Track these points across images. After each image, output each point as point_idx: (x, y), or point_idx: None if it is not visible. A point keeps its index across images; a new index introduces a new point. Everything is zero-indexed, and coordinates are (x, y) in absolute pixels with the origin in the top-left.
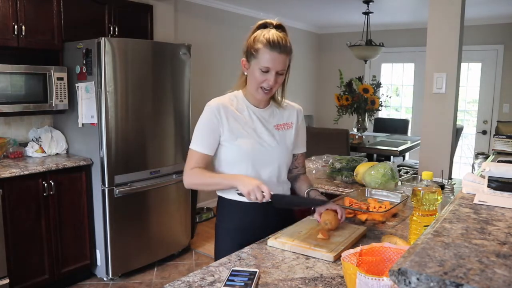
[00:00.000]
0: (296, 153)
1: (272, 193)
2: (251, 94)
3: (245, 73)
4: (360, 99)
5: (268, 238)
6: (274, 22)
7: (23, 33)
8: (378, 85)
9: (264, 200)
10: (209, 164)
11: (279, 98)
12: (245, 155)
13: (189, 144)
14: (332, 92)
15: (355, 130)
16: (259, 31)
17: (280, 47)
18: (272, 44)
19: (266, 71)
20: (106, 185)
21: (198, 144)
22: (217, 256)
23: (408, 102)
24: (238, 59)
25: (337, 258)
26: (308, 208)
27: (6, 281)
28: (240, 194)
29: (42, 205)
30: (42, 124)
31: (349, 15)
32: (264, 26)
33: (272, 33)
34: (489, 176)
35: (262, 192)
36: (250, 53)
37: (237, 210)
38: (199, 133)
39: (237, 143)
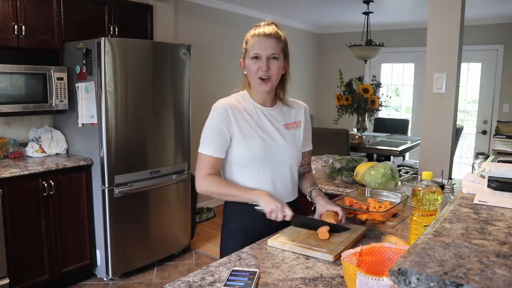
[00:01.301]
0: (304, 151)
1: (292, 214)
2: (256, 92)
3: (244, 73)
4: (360, 99)
5: (268, 238)
6: (266, 22)
7: (23, 33)
8: (378, 85)
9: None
10: (220, 167)
11: (281, 94)
12: (256, 156)
13: (189, 144)
14: (332, 92)
15: (355, 130)
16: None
17: (266, 33)
18: (258, 32)
19: (256, 57)
20: (106, 185)
21: (208, 147)
22: (222, 257)
23: (408, 102)
24: (238, 59)
25: (337, 258)
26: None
27: (6, 281)
28: (260, 210)
29: (42, 205)
30: (42, 124)
31: (349, 15)
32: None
33: (261, 27)
34: (489, 176)
35: (284, 212)
36: (243, 50)
37: (243, 211)
38: (208, 136)
39: (248, 144)
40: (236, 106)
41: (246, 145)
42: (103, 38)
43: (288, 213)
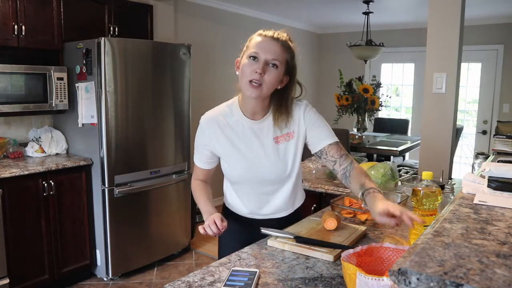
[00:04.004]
0: (319, 148)
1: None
2: (244, 98)
3: (237, 73)
4: (360, 99)
5: (268, 238)
6: (281, 30)
7: (23, 33)
8: (378, 85)
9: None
10: (209, 176)
11: (283, 119)
12: (239, 176)
13: (189, 144)
14: (332, 92)
15: (355, 130)
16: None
17: (273, 36)
18: (264, 33)
19: (254, 57)
20: (106, 185)
21: (196, 159)
22: (221, 257)
23: (408, 102)
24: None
25: (337, 258)
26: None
27: (6, 281)
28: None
29: (42, 205)
30: (42, 124)
31: (349, 15)
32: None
33: (272, 30)
34: (489, 176)
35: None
36: (244, 48)
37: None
38: (195, 149)
39: (230, 164)
40: (219, 120)
41: (228, 164)
42: (103, 38)
43: (221, 225)
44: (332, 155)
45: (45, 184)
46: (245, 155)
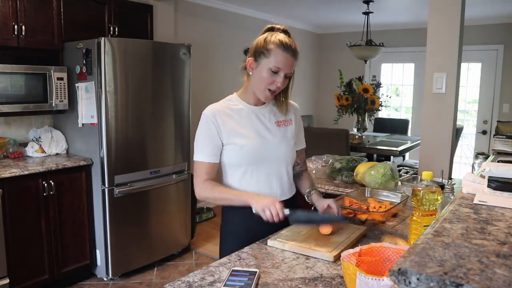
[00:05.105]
0: (297, 149)
1: (288, 211)
2: (252, 94)
3: (250, 73)
4: (360, 99)
5: (268, 238)
6: (281, 27)
7: (23, 33)
8: (378, 85)
9: (278, 218)
10: (217, 173)
11: (284, 106)
12: (247, 155)
13: (189, 144)
14: (332, 92)
15: (355, 130)
16: (268, 33)
17: (293, 50)
18: (285, 46)
19: (276, 71)
20: (106, 185)
21: (202, 154)
22: (222, 257)
23: (408, 102)
24: (238, 59)
25: (337, 258)
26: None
27: (6, 281)
28: (257, 212)
29: (42, 205)
30: (42, 124)
31: (349, 15)
32: (272, 29)
33: (283, 36)
34: (489, 176)
35: (277, 209)
36: (260, 52)
37: (242, 212)
38: (201, 143)
39: (237, 144)
40: (223, 110)
41: (235, 146)
42: (103, 38)
43: (279, 209)
44: (300, 159)
45: (45, 184)
46: (253, 135)
